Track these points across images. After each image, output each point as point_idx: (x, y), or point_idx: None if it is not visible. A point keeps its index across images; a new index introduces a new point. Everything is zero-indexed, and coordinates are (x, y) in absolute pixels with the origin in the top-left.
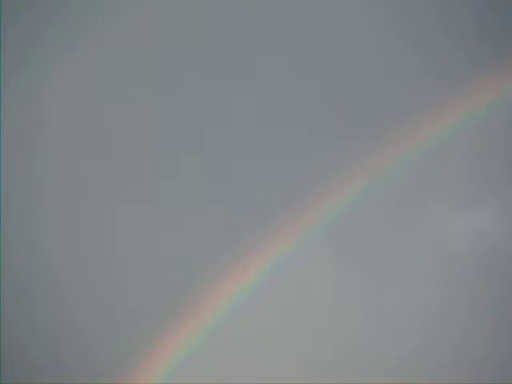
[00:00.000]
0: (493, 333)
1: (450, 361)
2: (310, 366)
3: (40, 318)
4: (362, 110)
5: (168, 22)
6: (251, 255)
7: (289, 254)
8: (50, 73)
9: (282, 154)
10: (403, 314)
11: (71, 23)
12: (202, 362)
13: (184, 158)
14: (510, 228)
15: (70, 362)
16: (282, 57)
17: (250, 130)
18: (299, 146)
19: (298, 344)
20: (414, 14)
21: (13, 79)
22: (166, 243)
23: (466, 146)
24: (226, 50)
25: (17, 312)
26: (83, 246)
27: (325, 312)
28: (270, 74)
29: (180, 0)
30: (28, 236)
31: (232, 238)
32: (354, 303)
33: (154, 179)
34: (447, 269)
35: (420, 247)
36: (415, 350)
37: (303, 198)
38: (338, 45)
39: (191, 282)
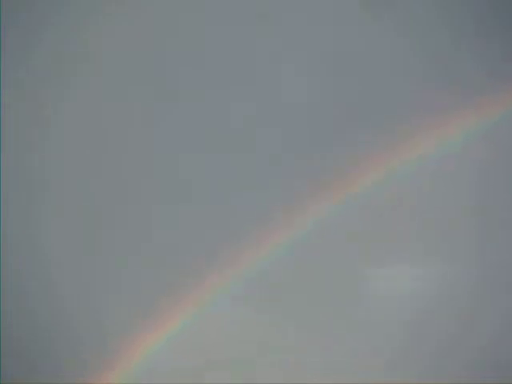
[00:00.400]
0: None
1: None
2: None
3: (40, 318)
4: (362, 114)
5: (169, 23)
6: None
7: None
8: (50, 73)
9: (279, 157)
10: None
11: (71, 23)
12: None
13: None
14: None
15: (69, 363)
16: (283, 58)
17: (251, 132)
18: (297, 150)
19: None
20: (417, 16)
21: (13, 79)
22: (165, 245)
23: (470, 162)
24: (227, 52)
25: (16, 312)
26: (83, 246)
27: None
28: (272, 75)
29: (180, 3)
30: (28, 236)
31: (228, 238)
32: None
33: (152, 180)
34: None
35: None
36: None
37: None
38: (339, 46)
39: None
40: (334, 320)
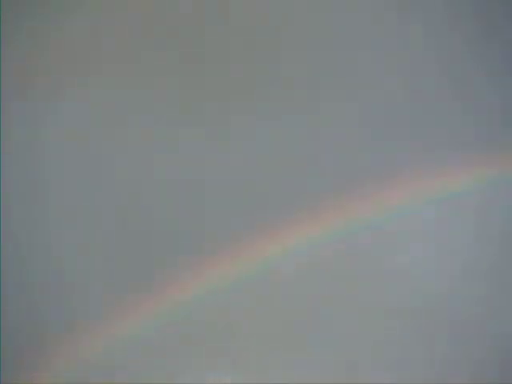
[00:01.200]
0: None
1: None
2: None
3: (41, 317)
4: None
5: (172, 24)
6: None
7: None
8: (50, 73)
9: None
10: None
11: (72, 23)
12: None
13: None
14: None
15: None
16: (292, 64)
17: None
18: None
19: None
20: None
21: (13, 78)
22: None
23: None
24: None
25: (17, 311)
26: (83, 246)
27: None
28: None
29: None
30: (28, 236)
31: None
32: None
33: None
34: None
35: None
36: None
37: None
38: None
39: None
40: None
